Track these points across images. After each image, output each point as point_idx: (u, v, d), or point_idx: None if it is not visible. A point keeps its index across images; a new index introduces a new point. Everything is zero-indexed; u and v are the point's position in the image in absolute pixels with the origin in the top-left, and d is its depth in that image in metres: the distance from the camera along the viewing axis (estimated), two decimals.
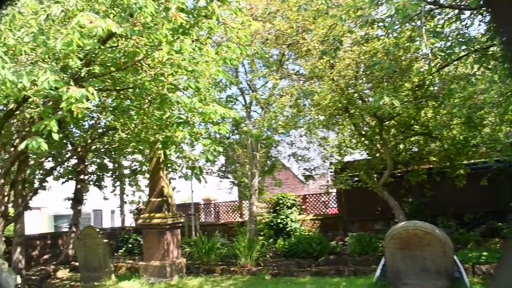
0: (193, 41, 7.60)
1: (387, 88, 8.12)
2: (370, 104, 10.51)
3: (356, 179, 14.61)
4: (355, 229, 15.48)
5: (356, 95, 11.56)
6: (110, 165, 17.88)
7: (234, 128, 15.30)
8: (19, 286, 8.08)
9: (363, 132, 13.05)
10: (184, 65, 6.99)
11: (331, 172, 17.64)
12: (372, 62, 9.19)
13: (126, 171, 18.38)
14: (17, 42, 6.10)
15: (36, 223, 27.43)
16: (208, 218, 21.07)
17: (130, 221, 22.92)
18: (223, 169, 20.83)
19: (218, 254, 13.55)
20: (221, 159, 19.84)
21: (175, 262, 12.23)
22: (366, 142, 13.27)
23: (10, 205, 13.15)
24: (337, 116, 12.65)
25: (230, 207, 20.47)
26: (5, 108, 10.07)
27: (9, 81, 5.54)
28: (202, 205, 21.90)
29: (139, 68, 8.41)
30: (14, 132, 12.50)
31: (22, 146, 6.13)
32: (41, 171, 15.62)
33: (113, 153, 16.50)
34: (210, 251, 13.43)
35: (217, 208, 21.14)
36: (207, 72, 7.35)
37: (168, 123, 8.74)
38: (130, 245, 16.95)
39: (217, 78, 9.13)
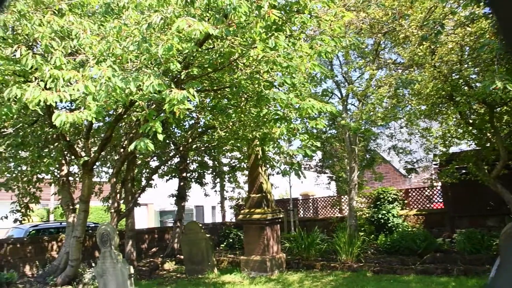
0: (286, 37, 7.58)
1: (499, 71, 7.42)
2: (479, 89, 9.71)
3: (463, 171, 13.63)
4: (463, 225, 14.46)
5: (461, 81, 10.75)
6: (210, 163, 18.59)
7: (331, 122, 15.06)
8: (132, 275, 8.66)
9: (471, 121, 12.11)
10: (279, 61, 7.00)
11: (435, 164, 16.64)
12: (479, 44, 8.47)
13: (226, 168, 18.98)
14: (124, 52, 6.53)
15: (144, 218, 29.44)
16: (306, 213, 21.02)
17: (230, 217, 23.63)
18: (321, 164, 20.66)
19: (318, 249, 13.45)
20: (318, 154, 19.68)
21: (275, 257, 12.36)
22: (475, 131, 12.30)
23: (121, 201, 14.21)
24: (441, 105, 11.86)
25: (329, 202, 20.23)
26: (114, 113, 10.87)
27: (119, 87, 5.94)
28: (300, 201, 21.90)
29: (235, 67, 8.58)
30: (123, 134, 13.44)
31: (131, 147, 6.56)
32: (147, 170, 16.65)
33: (212, 151, 17.12)
34: (309, 246, 13.37)
35: (316, 204, 21.00)
36: (302, 67, 7.28)
37: (265, 120, 8.82)
38: (231, 240, 17.47)
39: (312, 73, 9.01)
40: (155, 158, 16.52)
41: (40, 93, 5.97)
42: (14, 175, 13.05)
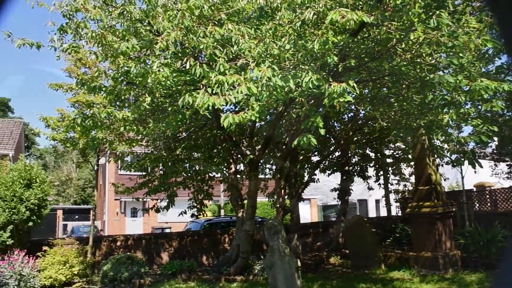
0: (449, 14, 6.90)
1: None
2: None
3: None
4: None
5: None
6: (372, 155, 18.07)
7: (508, 103, 13.33)
8: (299, 268, 8.84)
9: None
10: (443, 41, 6.40)
11: None
12: None
13: (389, 160, 18.25)
14: (280, 51, 6.67)
15: (307, 213, 30.01)
16: (482, 206, 19.04)
17: (395, 211, 22.68)
18: (498, 151, 18.50)
19: (500, 247, 12.04)
20: (495, 140, 17.65)
21: (448, 254, 11.44)
22: None
23: (285, 197, 14.66)
24: None
25: (511, 194, 17.99)
26: (275, 111, 11.24)
27: (279, 86, 6.09)
28: (475, 193, 19.93)
29: (394, 54, 8.14)
30: (284, 131, 13.85)
31: (294, 143, 6.68)
32: (309, 165, 16.90)
33: (374, 143, 16.62)
34: (489, 243, 12.07)
35: (494, 196, 18.87)
36: (471, 44, 6.54)
37: (430, 106, 8.19)
38: (397, 235, 16.73)
39: (483, 49, 8.07)
40: (316, 153, 16.67)
41: (209, 99, 6.44)
42: (189, 174, 14.45)
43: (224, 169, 14.43)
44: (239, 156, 13.57)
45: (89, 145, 9.90)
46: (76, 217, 34.76)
